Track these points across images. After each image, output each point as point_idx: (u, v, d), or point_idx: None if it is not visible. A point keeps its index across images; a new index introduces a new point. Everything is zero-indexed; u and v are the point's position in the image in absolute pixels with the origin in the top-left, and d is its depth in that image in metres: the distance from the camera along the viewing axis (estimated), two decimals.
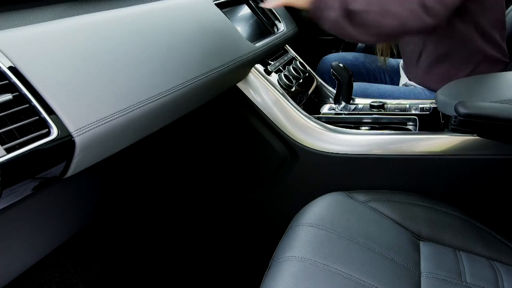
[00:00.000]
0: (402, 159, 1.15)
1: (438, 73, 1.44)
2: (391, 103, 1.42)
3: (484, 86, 1.21)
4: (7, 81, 0.61)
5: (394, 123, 1.32)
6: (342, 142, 1.19)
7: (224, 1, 1.23)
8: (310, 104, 1.46)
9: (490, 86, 1.21)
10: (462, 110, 0.98)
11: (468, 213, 1.07)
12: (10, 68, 0.62)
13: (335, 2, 1.11)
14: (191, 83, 0.88)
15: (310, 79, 1.53)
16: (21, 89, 0.61)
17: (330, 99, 1.55)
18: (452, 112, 1.02)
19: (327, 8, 1.12)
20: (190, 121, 1.21)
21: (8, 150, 0.56)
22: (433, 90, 1.47)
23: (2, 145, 0.56)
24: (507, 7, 1.66)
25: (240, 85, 1.23)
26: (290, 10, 1.66)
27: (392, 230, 0.99)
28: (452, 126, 1.03)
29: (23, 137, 0.59)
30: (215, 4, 1.17)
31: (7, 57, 0.63)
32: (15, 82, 0.61)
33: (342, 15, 1.11)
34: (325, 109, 1.46)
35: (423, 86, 1.53)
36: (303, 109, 1.32)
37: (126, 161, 1.27)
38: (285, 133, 1.22)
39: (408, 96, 1.50)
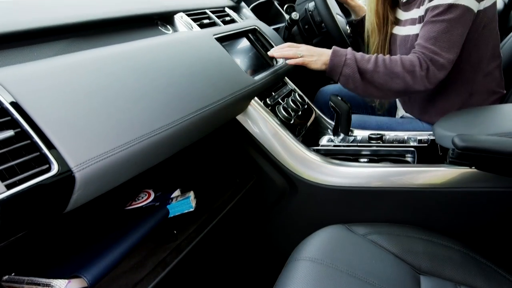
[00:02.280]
0: (402, 191, 1.15)
1: (434, 107, 1.46)
2: (389, 134, 1.43)
3: (482, 118, 1.22)
4: (9, 118, 0.62)
5: (393, 155, 1.33)
6: (342, 175, 1.19)
7: (224, 36, 1.25)
8: (309, 135, 1.47)
9: (487, 118, 1.22)
10: (459, 143, 0.98)
11: (468, 246, 1.07)
12: (12, 104, 0.63)
13: (351, 60, 1.26)
14: (191, 117, 0.89)
15: (309, 111, 1.54)
16: (23, 126, 0.62)
17: (329, 130, 1.56)
18: (449, 145, 1.03)
19: (345, 65, 1.26)
20: (189, 153, 1.22)
21: (9, 187, 0.57)
22: (429, 122, 1.48)
23: (2, 182, 0.57)
24: (502, 38, 1.69)
25: (240, 117, 1.24)
26: (289, 41, 1.68)
27: (392, 264, 0.98)
28: (450, 159, 1.03)
29: (23, 173, 0.60)
30: (215, 38, 1.19)
31: (9, 93, 0.64)
32: (17, 119, 0.62)
33: (356, 71, 1.27)
34: (324, 140, 1.46)
35: (419, 119, 1.54)
36: (302, 141, 1.33)
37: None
38: (284, 165, 1.23)
39: (406, 127, 1.51)
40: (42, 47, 0.84)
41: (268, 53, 1.37)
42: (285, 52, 1.33)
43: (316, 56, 1.31)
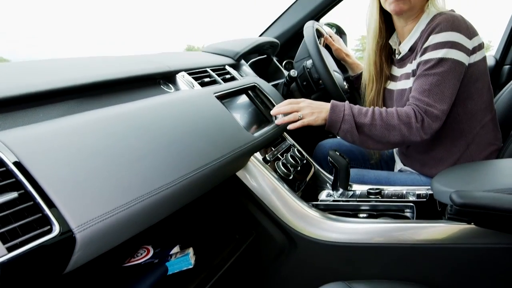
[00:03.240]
0: (402, 247, 1.15)
1: (432, 159, 1.48)
2: (388, 189, 1.44)
3: (479, 174, 1.24)
4: (14, 179, 0.63)
5: (392, 210, 1.33)
6: (342, 230, 1.19)
7: (225, 93, 1.29)
8: (308, 190, 1.47)
9: (484, 174, 1.23)
10: (457, 199, 0.99)
11: None
12: (17, 165, 0.64)
13: (349, 116, 1.31)
14: (192, 175, 0.90)
15: (308, 166, 1.56)
16: (27, 187, 0.63)
17: (328, 184, 1.57)
18: (447, 200, 1.03)
19: (343, 121, 1.31)
20: (189, 208, 1.22)
21: (10, 249, 0.57)
22: (429, 175, 1.49)
23: (4, 244, 0.57)
24: (495, 93, 1.74)
25: (239, 173, 1.25)
26: (287, 97, 1.72)
27: None
28: (449, 215, 1.03)
29: (25, 234, 0.60)
30: (216, 96, 1.22)
31: (15, 154, 0.65)
32: (21, 180, 0.63)
33: (354, 127, 1.31)
34: (323, 195, 1.47)
35: (418, 172, 1.56)
36: (301, 195, 1.34)
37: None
38: (283, 221, 1.23)
39: (404, 182, 1.52)
40: (48, 109, 0.86)
41: (274, 117, 1.42)
42: (285, 116, 1.36)
43: (316, 114, 1.34)
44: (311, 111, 1.35)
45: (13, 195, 0.61)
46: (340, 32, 2.06)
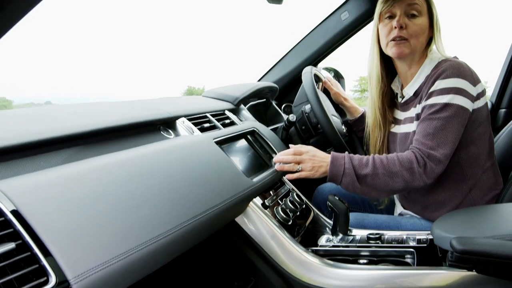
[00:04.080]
0: None
1: (434, 202, 1.47)
2: (388, 234, 1.43)
3: (479, 219, 1.23)
4: (12, 229, 0.63)
5: (392, 255, 1.32)
6: (342, 277, 1.18)
7: (224, 139, 1.30)
8: (308, 235, 1.46)
9: (485, 219, 1.23)
10: (458, 246, 0.99)
11: None
12: (16, 215, 0.64)
13: (349, 170, 1.32)
14: (191, 222, 0.90)
15: (307, 210, 1.55)
16: (25, 238, 0.63)
17: (327, 229, 1.56)
18: (448, 247, 1.02)
19: (344, 175, 1.33)
20: (186, 254, 1.21)
21: None
22: (430, 219, 1.49)
23: None
24: (494, 135, 1.75)
25: (238, 218, 1.24)
26: (286, 142, 1.73)
27: None
28: (449, 262, 1.02)
29: (21, 286, 0.59)
30: (215, 141, 1.23)
31: (13, 204, 0.66)
32: (19, 231, 0.63)
33: (355, 180, 1.32)
34: (322, 240, 1.46)
35: (419, 215, 1.55)
36: (301, 240, 1.32)
37: None
38: (282, 267, 1.21)
39: (404, 226, 1.51)
40: (48, 156, 0.87)
41: (274, 164, 1.42)
42: (285, 166, 1.38)
43: (316, 168, 1.35)
44: (311, 164, 1.36)
45: (11, 245, 0.61)
46: (338, 76, 2.09)
